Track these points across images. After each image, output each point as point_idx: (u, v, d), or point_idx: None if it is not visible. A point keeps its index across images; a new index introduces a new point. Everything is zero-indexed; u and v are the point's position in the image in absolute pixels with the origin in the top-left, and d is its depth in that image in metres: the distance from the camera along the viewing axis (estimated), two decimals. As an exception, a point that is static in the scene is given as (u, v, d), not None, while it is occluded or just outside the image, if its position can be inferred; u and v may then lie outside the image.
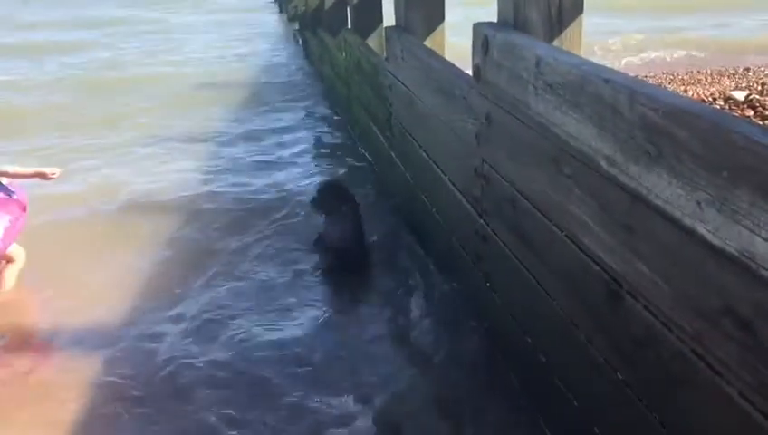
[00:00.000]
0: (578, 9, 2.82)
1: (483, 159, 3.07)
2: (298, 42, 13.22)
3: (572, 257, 2.31)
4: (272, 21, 18.00)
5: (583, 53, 2.79)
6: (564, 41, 2.80)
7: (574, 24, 2.83)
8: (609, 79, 2.01)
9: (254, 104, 9.08)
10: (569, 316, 2.42)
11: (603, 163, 2.04)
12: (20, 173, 4.23)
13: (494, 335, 3.27)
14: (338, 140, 7.23)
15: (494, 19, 3.10)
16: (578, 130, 2.17)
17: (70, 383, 3.27)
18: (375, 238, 4.62)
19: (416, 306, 3.82)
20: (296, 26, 13.89)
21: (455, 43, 5.08)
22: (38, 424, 3.04)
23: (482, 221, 3.19)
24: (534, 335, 2.78)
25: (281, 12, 19.39)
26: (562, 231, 2.38)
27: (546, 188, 2.47)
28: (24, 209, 4.23)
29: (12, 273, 4.24)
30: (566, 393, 2.51)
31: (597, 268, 2.16)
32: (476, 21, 3.10)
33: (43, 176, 4.26)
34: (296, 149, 7.01)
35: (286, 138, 7.45)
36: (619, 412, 2.16)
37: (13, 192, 4.20)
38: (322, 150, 6.99)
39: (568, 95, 2.23)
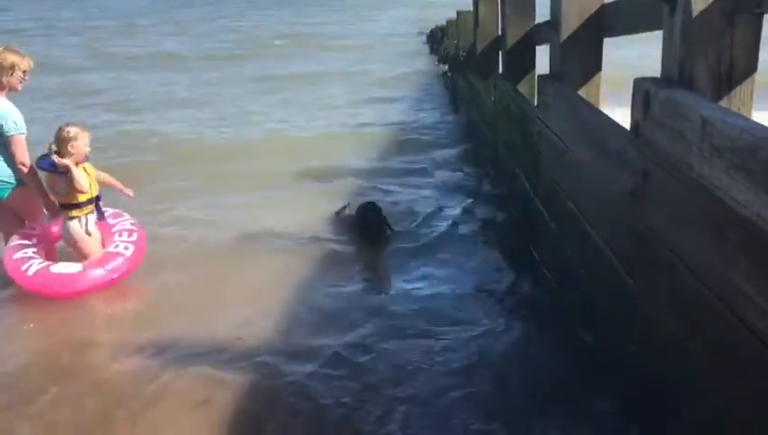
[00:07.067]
0: (751, 67, 2.67)
1: (637, 217, 2.96)
2: (447, 84, 13.42)
3: (732, 331, 2.17)
4: (421, 62, 18.38)
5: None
6: (733, 101, 2.66)
7: (745, 84, 2.68)
8: (785, 146, 1.90)
9: (398, 142, 9.47)
10: (727, 392, 2.27)
11: (775, 235, 1.92)
12: (109, 181, 5.15)
13: (638, 399, 3.12)
14: (479, 183, 7.24)
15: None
16: (747, 197, 2.05)
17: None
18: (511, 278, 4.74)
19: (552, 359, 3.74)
20: (446, 68, 14.13)
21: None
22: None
23: (631, 281, 3.07)
24: (688, 409, 2.63)
25: (431, 53, 19.80)
26: (722, 301, 2.25)
27: (706, 254, 2.35)
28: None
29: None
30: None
31: (760, 345, 2.02)
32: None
33: (121, 191, 5.19)
34: (435, 190, 7.13)
35: (426, 178, 7.60)
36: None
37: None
38: (462, 191, 7.04)
39: (737, 160, 2.12)
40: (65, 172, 4.64)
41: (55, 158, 4.63)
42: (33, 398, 3.55)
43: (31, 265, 4.66)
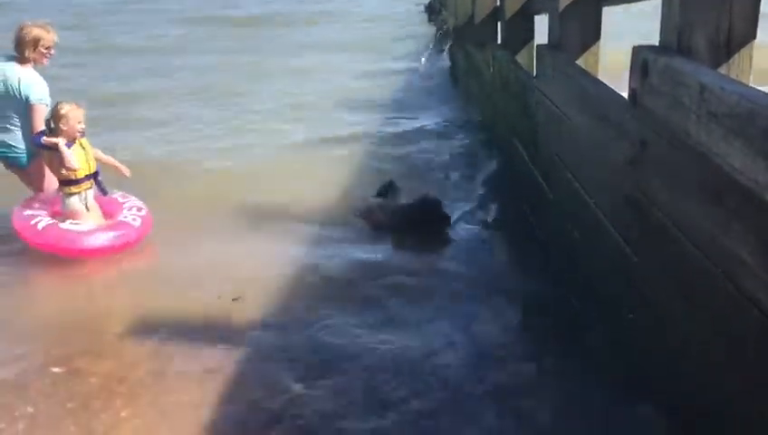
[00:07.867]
0: (749, 35, 2.67)
1: (635, 185, 2.97)
2: (444, 54, 13.31)
3: (728, 297, 2.19)
4: (419, 32, 18.16)
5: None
6: (732, 68, 2.66)
7: (744, 51, 2.68)
8: (783, 112, 1.90)
9: (394, 112, 9.34)
10: (721, 360, 2.30)
11: (771, 200, 1.93)
12: (105, 160, 5.08)
13: (635, 371, 3.14)
14: (476, 154, 7.20)
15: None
16: (744, 163, 2.06)
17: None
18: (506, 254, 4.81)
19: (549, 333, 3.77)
20: (443, 38, 14.00)
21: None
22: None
23: (629, 250, 3.09)
24: (682, 378, 2.66)
25: (429, 22, 19.61)
26: (718, 268, 2.27)
27: (703, 221, 2.36)
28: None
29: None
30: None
31: (756, 312, 2.04)
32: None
33: (117, 169, 5.12)
34: (432, 161, 7.09)
35: (423, 149, 7.54)
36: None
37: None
38: (459, 163, 6.99)
39: (735, 126, 2.12)
40: (56, 149, 4.67)
41: (44, 137, 4.70)
42: (35, 371, 3.58)
43: (40, 221, 4.74)
